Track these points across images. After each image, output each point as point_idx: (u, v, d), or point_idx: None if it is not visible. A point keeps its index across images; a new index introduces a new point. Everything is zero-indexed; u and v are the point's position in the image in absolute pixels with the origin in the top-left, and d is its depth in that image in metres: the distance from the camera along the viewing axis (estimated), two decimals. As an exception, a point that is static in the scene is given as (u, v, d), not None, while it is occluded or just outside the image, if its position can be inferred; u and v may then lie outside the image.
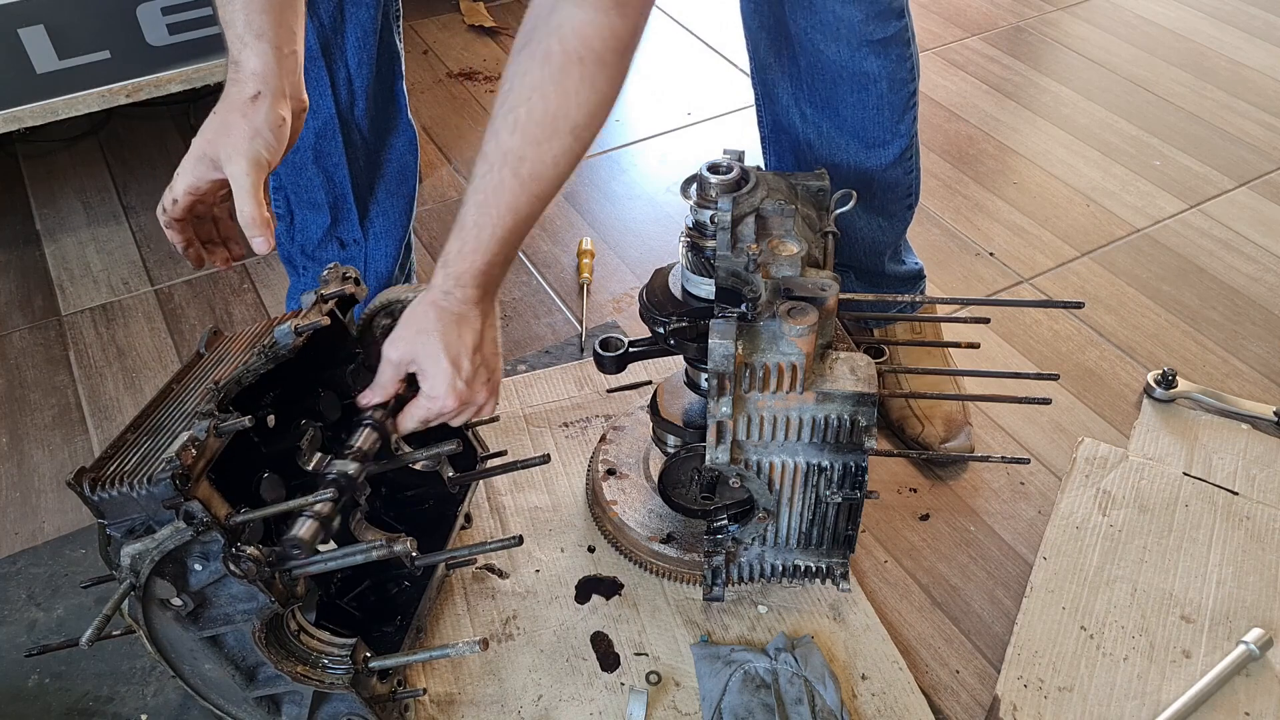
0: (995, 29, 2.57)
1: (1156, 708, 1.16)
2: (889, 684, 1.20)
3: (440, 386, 1.04)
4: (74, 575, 1.33)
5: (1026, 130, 2.21)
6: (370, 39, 1.31)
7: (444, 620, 1.27)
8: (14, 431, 1.56)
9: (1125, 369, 1.64)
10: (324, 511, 0.99)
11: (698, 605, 1.28)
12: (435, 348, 1.03)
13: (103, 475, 0.95)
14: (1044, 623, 1.25)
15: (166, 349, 1.70)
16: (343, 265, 1.17)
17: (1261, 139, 2.16)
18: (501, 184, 0.97)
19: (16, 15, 1.67)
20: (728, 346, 1.00)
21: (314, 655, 1.01)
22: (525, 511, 1.39)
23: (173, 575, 0.95)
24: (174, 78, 1.84)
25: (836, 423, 1.07)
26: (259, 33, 1.00)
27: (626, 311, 1.75)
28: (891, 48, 1.29)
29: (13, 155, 2.12)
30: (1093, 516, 1.37)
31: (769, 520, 1.16)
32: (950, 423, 1.49)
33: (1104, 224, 1.95)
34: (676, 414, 1.26)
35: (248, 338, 1.15)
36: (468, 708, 1.18)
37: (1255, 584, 1.29)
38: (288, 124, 1.02)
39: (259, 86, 1.00)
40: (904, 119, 1.36)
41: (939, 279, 1.81)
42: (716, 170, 1.09)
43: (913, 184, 1.44)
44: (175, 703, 1.19)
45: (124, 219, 1.98)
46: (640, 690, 1.18)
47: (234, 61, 1.01)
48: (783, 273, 1.05)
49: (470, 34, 2.57)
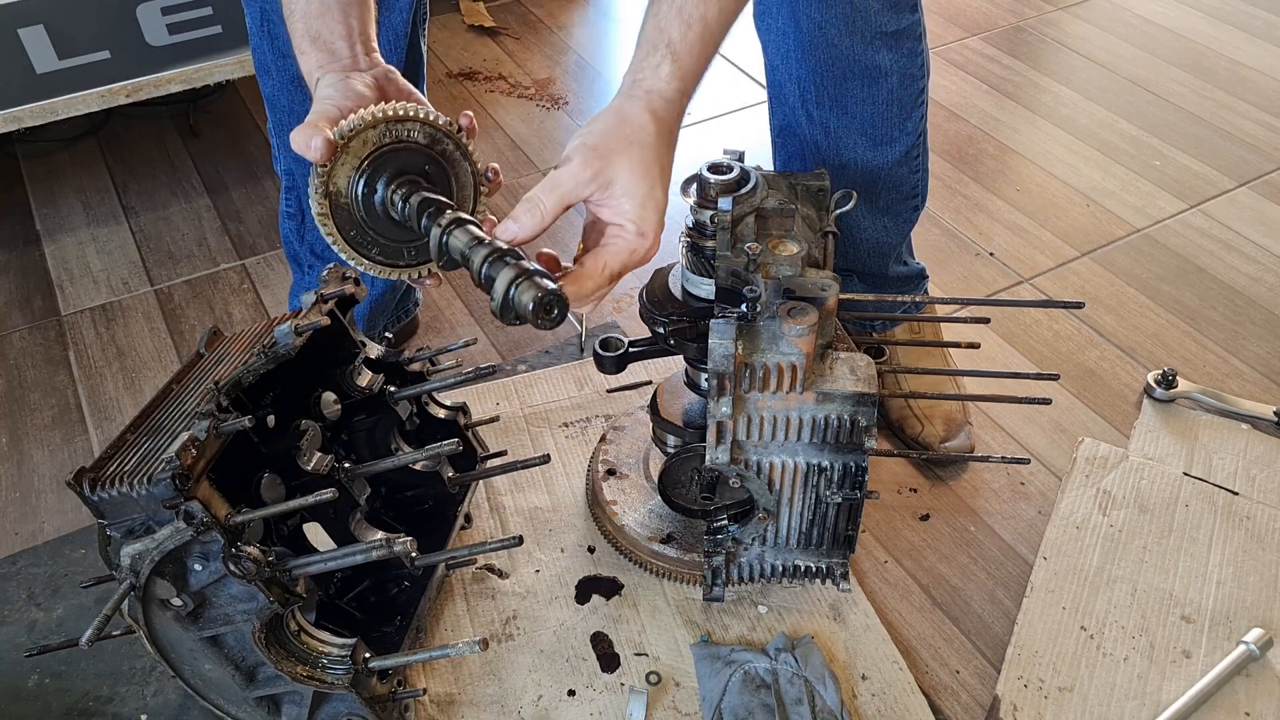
0: (995, 29, 2.57)
1: (1156, 708, 1.16)
2: (889, 684, 1.20)
3: (652, 220, 0.87)
4: (74, 575, 1.33)
5: (1026, 130, 2.21)
6: (401, 42, 1.31)
7: (444, 620, 1.27)
8: (14, 431, 1.56)
9: (1125, 369, 1.64)
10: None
11: (698, 605, 1.27)
12: (655, 174, 0.86)
13: (103, 475, 0.95)
14: (1044, 623, 1.25)
15: (166, 349, 1.70)
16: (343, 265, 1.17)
17: (1261, 139, 2.16)
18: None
19: (16, 15, 1.67)
20: (728, 346, 1.00)
21: (314, 655, 1.01)
22: (525, 511, 1.39)
23: (173, 575, 0.95)
24: (174, 78, 1.84)
25: (836, 423, 1.07)
26: (314, 37, 0.99)
27: (626, 311, 1.75)
28: (904, 41, 1.29)
29: (13, 155, 2.12)
30: (1093, 516, 1.37)
31: (769, 520, 1.16)
32: (950, 422, 1.49)
33: (1104, 224, 1.95)
34: (676, 414, 1.26)
35: (248, 338, 1.15)
36: (468, 708, 1.18)
37: (1255, 584, 1.29)
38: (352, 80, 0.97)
39: (318, 75, 0.99)
40: (912, 116, 1.35)
41: (939, 279, 1.81)
42: (716, 170, 1.09)
43: (919, 184, 1.43)
44: (175, 703, 1.19)
45: (124, 219, 1.98)
46: (640, 690, 1.18)
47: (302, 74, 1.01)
48: (783, 273, 1.05)
49: (470, 34, 2.57)
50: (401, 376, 1.25)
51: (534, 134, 2.22)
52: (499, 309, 0.84)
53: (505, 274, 0.84)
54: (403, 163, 0.96)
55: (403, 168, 0.96)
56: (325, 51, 0.99)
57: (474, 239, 0.88)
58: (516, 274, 0.83)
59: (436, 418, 1.28)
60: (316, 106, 0.95)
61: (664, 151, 0.88)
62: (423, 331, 1.74)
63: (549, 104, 2.31)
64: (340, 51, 0.99)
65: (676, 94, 0.90)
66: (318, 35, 0.99)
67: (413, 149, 0.97)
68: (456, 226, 0.90)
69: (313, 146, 0.90)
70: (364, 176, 0.95)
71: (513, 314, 0.84)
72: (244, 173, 2.09)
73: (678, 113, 0.91)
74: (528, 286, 0.82)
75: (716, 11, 0.90)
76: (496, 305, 0.84)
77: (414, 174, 0.97)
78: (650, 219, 0.88)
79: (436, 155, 0.98)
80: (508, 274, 0.83)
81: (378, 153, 0.95)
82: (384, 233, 0.99)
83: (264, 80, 1.33)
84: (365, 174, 0.95)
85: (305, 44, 1.00)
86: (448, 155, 0.99)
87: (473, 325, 1.74)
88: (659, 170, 0.88)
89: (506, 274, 0.84)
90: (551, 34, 2.57)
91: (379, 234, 0.99)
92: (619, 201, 0.88)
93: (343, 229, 0.98)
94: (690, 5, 0.90)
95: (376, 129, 0.94)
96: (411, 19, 1.32)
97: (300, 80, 1.03)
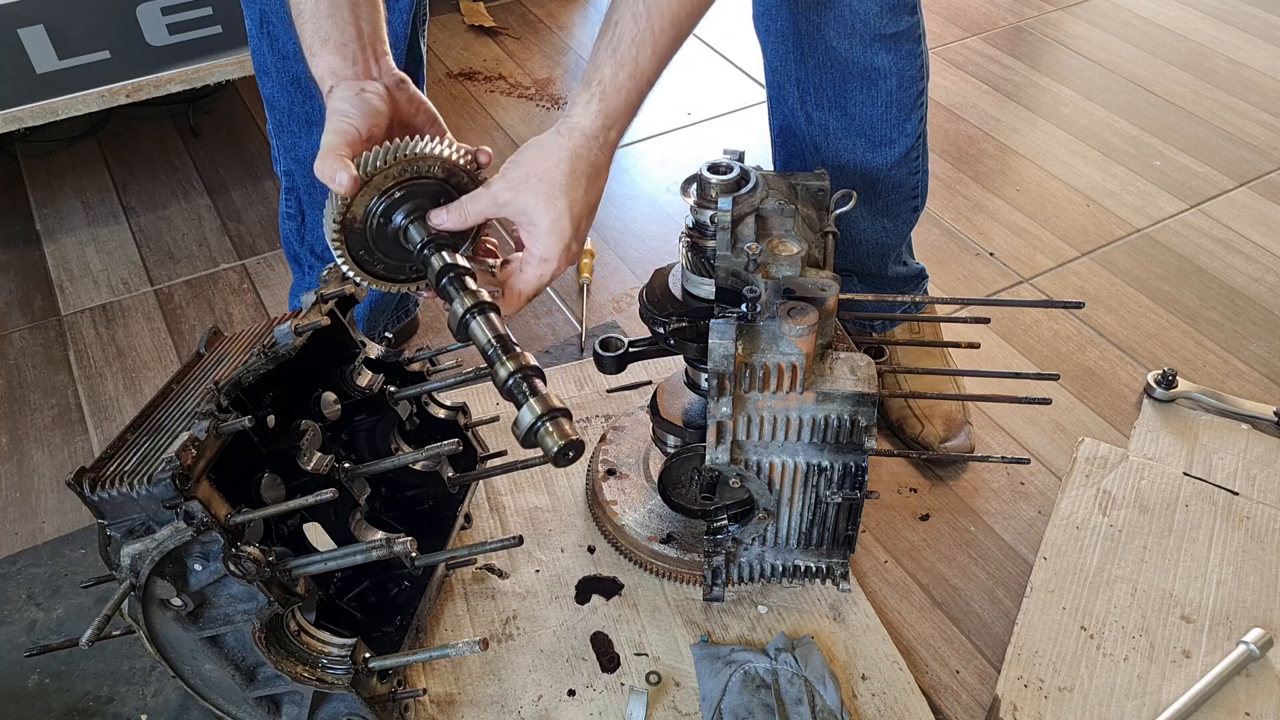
0: (995, 29, 2.57)
1: (1157, 708, 1.16)
2: (889, 684, 1.20)
3: (555, 249, 0.96)
4: (74, 575, 1.33)
5: (1026, 130, 2.21)
6: (401, 44, 1.31)
7: (444, 620, 1.27)
8: (14, 431, 1.56)
9: (1125, 369, 1.64)
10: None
11: (698, 605, 1.27)
12: (561, 207, 0.95)
13: (103, 475, 0.95)
14: (1044, 623, 1.25)
15: (166, 349, 1.70)
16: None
17: (1261, 139, 2.16)
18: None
19: (16, 15, 1.67)
20: (728, 346, 1.00)
21: (314, 655, 1.01)
22: (525, 511, 1.39)
23: (173, 575, 0.95)
24: (174, 78, 1.84)
25: (836, 423, 1.07)
26: (324, 39, 0.99)
27: (626, 311, 1.75)
28: (903, 43, 1.29)
29: (13, 155, 2.12)
30: (1093, 516, 1.37)
31: (769, 520, 1.16)
32: (950, 422, 1.49)
33: (1104, 224, 1.95)
34: (676, 414, 1.26)
35: (248, 338, 1.15)
36: (468, 708, 1.18)
37: (1255, 584, 1.29)
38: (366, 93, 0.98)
39: (331, 82, 0.99)
40: (911, 117, 1.35)
41: (939, 279, 1.81)
42: (716, 170, 1.09)
43: (918, 185, 1.43)
44: (175, 703, 1.19)
45: (124, 219, 1.98)
46: (640, 690, 1.18)
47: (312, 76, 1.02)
48: (783, 273, 1.05)
49: (470, 34, 2.57)
50: (401, 376, 1.25)
51: (534, 134, 2.20)
52: (521, 439, 0.92)
53: (532, 408, 0.91)
54: (418, 197, 1.00)
55: (418, 203, 1.01)
56: (336, 54, 0.99)
57: (495, 338, 0.94)
58: (543, 413, 0.91)
59: (436, 418, 1.29)
60: (334, 125, 0.96)
61: (576, 185, 0.96)
62: (423, 331, 1.74)
63: (549, 104, 2.31)
64: (353, 55, 0.99)
65: (600, 129, 0.98)
66: (328, 36, 0.99)
67: (430, 184, 1.01)
68: (479, 313, 0.96)
69: (339, 181, 0.93)
70: (382, 208, 0.99)
71: (533, 445, 0.92)
72: (244, 173, 2.09)
73: (601, 145, 0.99)
74: (553, 430, 0.91)
75: (649, 54, 0.97)
76: (519, 436, 0.92)
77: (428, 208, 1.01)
78: (553, 247, 0.97)
79: (450, 188, 1.02)
80: (535, 408, 0.91)
81: (397, 187, 0.99)
82: (391, 254, 1.03)
83: (263, 81, 1.33)
84: (383, 205, 0.99)
85: (315, 45, 1.00)
86: (461, 187, 1.03)
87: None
88: (567, 204, 0.96)
89: (534, 408, 0.91)
90: (551, 34, 2.57)
91: (386, 255, 1.03)
92: (528, 228, 0.98)
93: (353, 250, 1.01)
94: (625, 48, 0.97)
95: (399, 166, 0.97)
96: (411, 19, 1.32)
97: (300, 81, 1.03)
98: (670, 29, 0.97)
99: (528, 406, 0.92)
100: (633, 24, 0.97)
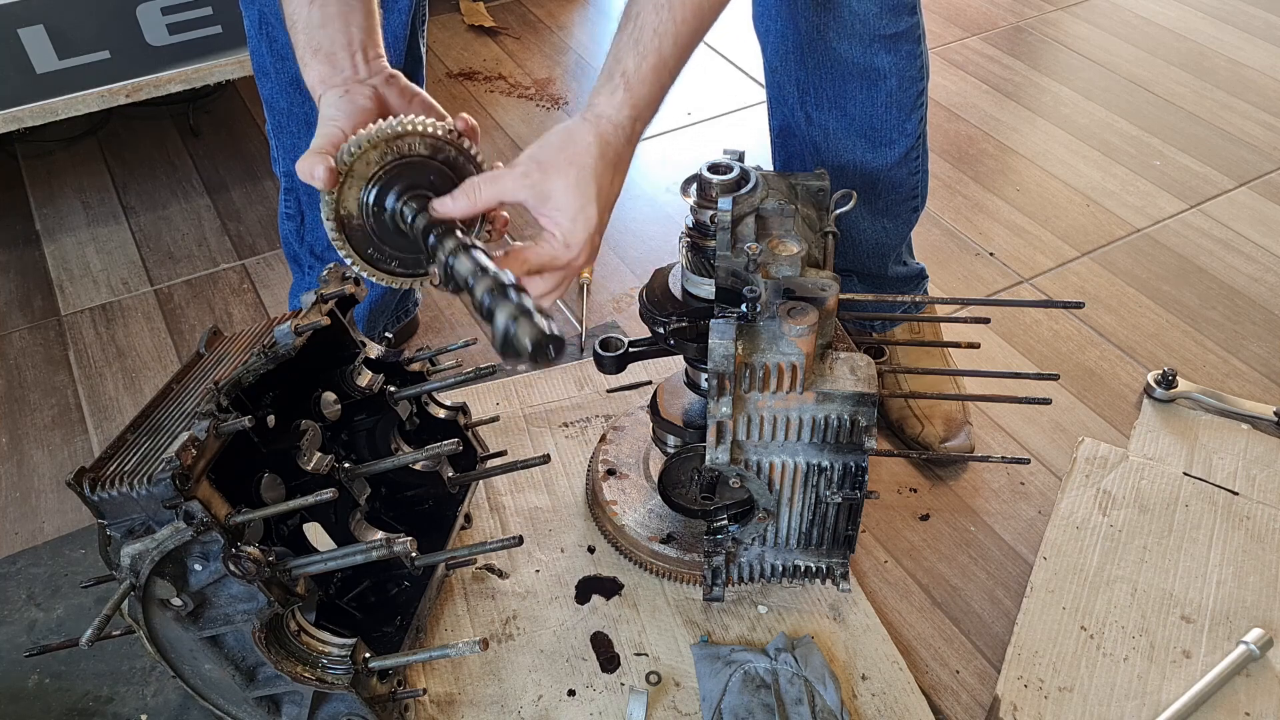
0: (995, 29, 2.57)
1: (1157, 708, 1.16)
2: (889, 684, 1.20)
3: (580, 236, 0.93)
4: (74, 575, 1.33)
5: (1026, 130, 2.21)
6: (400, 44, 1.31)
7: (444, 620, 1.27)
8: (14, 431, 1.56)
9: (1125, 369, 1.64)
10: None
11: (698, 605, 1.27)
12: (590, 192, 0.92)
13: (103, 475, 0.95)
14: (1044, 623, 1.25)
15: (166, 349, 1.70)
16: (343, 266, 1.16)
17: (1261, 139, 2.16)
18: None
19: (16, 15, 1.67)
20: (728, 346, 1.00)
21: (314, 655, 1.01)
22: (525, 511, 1.39)
23: (173, 575, 0.95)
24: (174, 78, 1.84)
25: (836, 423, 1.07)
26: (315, 49, 0.99)
27: (626, 311, 1.75)
28: (902, 44, 1.29)
29: (13, 155, 2.12)
30: (1093, 516, 1.37)
31: (769, 520, 1.16)
32: (950, 422, 1.49)
33: (1104, 224, 1.95)
34: (676, 414, 1.26)
35: (248, 338, 1.15)
36: (468, 708, 1.18)
37: (1255, 584, 1.29)
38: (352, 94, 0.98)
39: (320, 90, 0.99)
40: (911, 118, 1.35)
41: (939, 279, 1.81)
42: (716, 170, 1.09)
43: (918, 185, 1.43)
44: (175, 703, 1.19)
45: (124, 219, 1.98)
46: (640, 690, 1.18)
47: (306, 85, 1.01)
48: (783, 273, 1.05)
49: (470, 34, 2.57)
50: (401, 376, 1.25)
51: (534, 134, 2.21)
52: (499, 346, 0.87)
53: (505, 309, 0.85)
54: (409, 177, 0.97)
55: (410, 182, 0.97)
56: (327, 64, 0.99)
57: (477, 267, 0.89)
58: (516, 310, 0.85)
59: (436, 418, 1.29)
60: (320, 129, 0.96)
61: (604, 172, 0.95)
62: (423, 331, 1.74)
63: (549, 104, 2.31)
64: (341, 63, 0.99)
65: (628, 120, 0.97)
66: (319, 47, 0.99)
67: (416, 162, 0.97)
68: (461, 251, 0.91)
69: (316, 176, 0.91)
70: (372, 196, 0.96)
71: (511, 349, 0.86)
72: (244, 173, 2.09)
73: (627, 136, 0.97)
74: (525, 324, 0.84)
75: (671, 44, 0.96)
76: (497, 342, 0.87)
77: (422, 187, 0.97)
78: (578, 233, 0.94)
79: (440, 164, 0.99)
80: (507, 309, 0.85)
81: (382, 171, 0.96)
82: (401, 247, 1.00)
83: (262, 82, 1.33)
84: (373, 193, 0.96)
85: (308, 56, 1.00)
86: (451, 161, 1.00)
87: (473, 325, 1.74)
88: (595, 190, 0.94)
89: (506, 309, 0.85)
90: (551, 34, 2.57)
91: (396, 248, 1.00)
92: (553, 213, 0.95)
93: (360, 249, 0.99)
94: (646, 38, 0.96)
95: (377, 149, 0.94)
96: (411, 20, 1.32)
97: (299, 82, 1.03)
98: (693, 19, 0.96)
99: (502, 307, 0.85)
100: (654, 14, 0.96)
